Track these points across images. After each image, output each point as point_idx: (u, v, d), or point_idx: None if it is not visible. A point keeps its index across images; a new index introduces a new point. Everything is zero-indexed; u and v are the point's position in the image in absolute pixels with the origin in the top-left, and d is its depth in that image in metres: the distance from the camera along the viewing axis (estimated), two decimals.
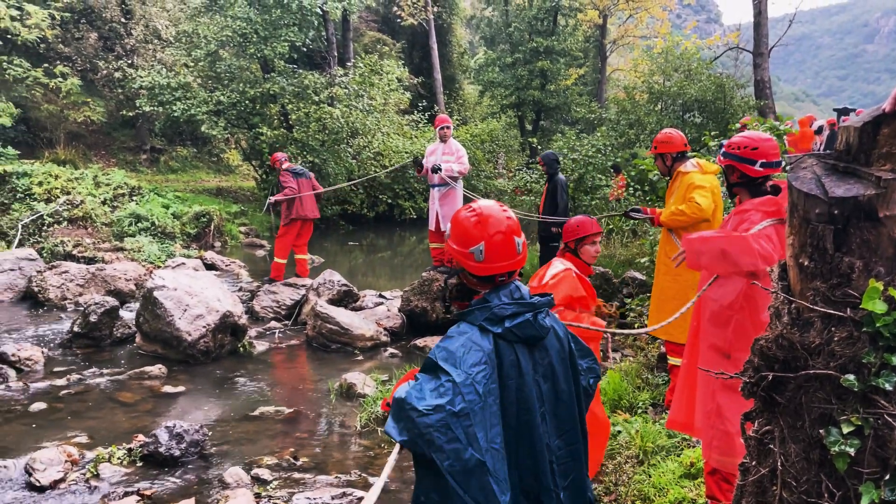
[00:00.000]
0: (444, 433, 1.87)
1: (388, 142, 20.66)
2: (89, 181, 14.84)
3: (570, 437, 2.19)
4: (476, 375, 1.95)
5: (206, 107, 17.46)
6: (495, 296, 2.12)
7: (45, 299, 9.65)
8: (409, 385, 2.02)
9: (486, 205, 2.22)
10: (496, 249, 2.13)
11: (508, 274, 2.18)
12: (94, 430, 5.58)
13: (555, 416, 2.16)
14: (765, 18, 18.28)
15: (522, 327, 2.07)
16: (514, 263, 2.17)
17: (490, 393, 1.98)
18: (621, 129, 17.57)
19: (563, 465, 2.16)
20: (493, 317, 2.06)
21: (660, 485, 3.94)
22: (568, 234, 4.27)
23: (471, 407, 1.91)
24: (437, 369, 1.98)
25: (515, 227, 2.19)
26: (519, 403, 2.05)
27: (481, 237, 2.14)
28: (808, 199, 1.56)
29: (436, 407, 1.89)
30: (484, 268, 2.15)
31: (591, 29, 33.66)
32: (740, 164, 3.42)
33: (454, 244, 2.21)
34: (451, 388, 1.92)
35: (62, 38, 19.69)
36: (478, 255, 2.14)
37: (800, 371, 1.55)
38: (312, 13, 18.22)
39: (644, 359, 6.27)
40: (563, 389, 2.18)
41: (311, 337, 8.25)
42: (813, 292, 1.55)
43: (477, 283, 2.21)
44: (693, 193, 4.96)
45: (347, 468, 5.01)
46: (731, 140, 3.53)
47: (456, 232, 2.21)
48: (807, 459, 1.54)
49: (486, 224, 2.15)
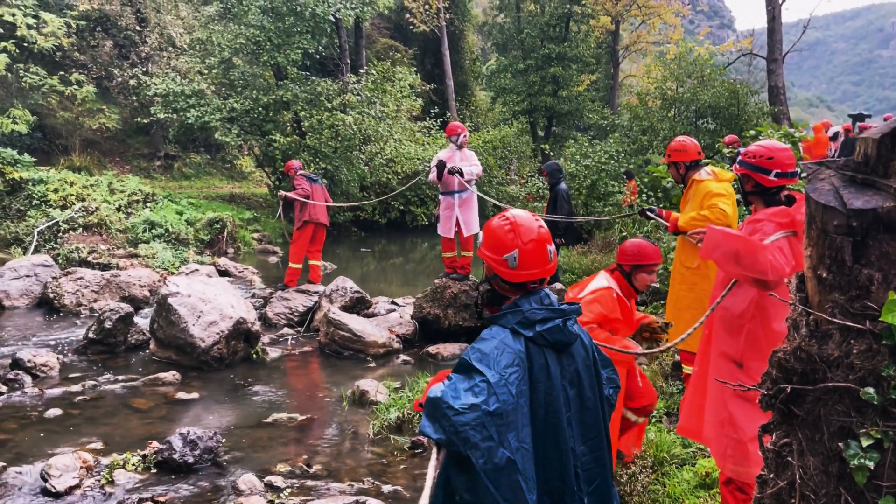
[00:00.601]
0: (479, 431, 1.94)
1: (400, 148, 20.72)
2: (104, 188, 14.96)
3: (595, 444, 2.24)
4: (509, 377, 2.02)
5: (219, 114, 17.58)
6: (526, 301, 2.19)
7: (61, 305, 9.73)
8: (443, 385, 2.08)
9: (519, 214, 2.30)
10: (529, 257, 2.21)
11: (540, 281, 2.25)
12: (108, 436, 5.61)
13: (580, 423, 2.21)
14: (779, 24, 18.20)
15: (552, 332, 2.14)
16: (545, 271, 2.24)
17: (521, 394, 2.04)
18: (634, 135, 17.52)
19: (587, 470, 2.21)
20: (524, 320, 2.13)
21: (674, 495, 3.92)
22: (626, 257, 4.12)
23: (504, 407, 1.97)
24: (472, 370, 2.04)
25: (547, 235, 2.26)
26: (547, 406, 2.11)
27: (515, 245, 2.21)
28: (827, 210, 1.55)
29: (471, 406, 1.96)
30: (517, 274, 2.22)
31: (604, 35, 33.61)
32: (755, 173, 3.40)
33: (488, 251, 2.28)
34: (485, 388, 1.98)
35: (78, 46, 19.91)
36: (511, 262, 2.21)
37: (818, 383, 1.54)
38: (325, 21, 18.32)
39: (658, 367, 6.24)
40: (588, 396, 2.23)
41: (324, 344, 8.26)
42: (831, 304, 1.54)
43: (509, 290, 2.28)
44: (715, 200, 4.91)
45: (360, 476, 5.01)
46: (747, 149, 3.52)
47: (490, 240, 2.28)
48: (826, 472, 1.53)
49: (520, 232, 2.22)
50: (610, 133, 20.45)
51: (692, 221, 4.99)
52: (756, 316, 3.18)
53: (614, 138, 17.59)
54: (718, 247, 3.10)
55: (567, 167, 14.98)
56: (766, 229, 3.21)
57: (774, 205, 3.39)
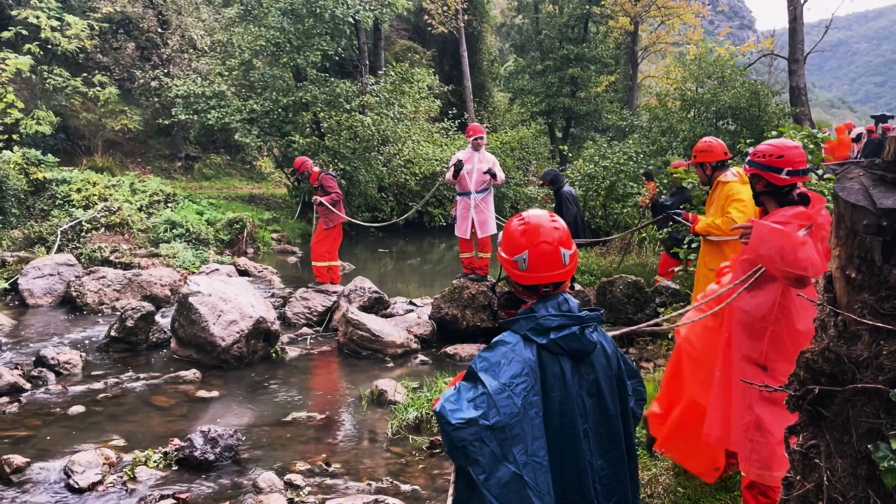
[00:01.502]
0: (478, 447, 1.87)
1: (418, 149, 20.76)
2: (126, 188, 15.13)
3: (615, 457, 2.14)
4: (515, 387, 1.94)
5: (239, 115, 17.71)
6: (542, 306, 2.10)
7: (84, 304, 9.85)
8: (448, 394, 2.01)
9: (536, 214, 2.21)
10: (540, 259, 2.12)
11: (554, 285, 2.15)
12: (130, 433, 5.67)
13: (598, 435, 2.11)
14: (800, 24, 18.01)
15: (568, 340, 2.04)
16: (559, 275, 2.14)
17: (532, 405, 1.96)
18: (653, 136, 17.39)
19: (605, 485, 2.12)
20: (538, 327, 2.04)
21: (695, 497, 3.89)
22: None
23: (507, 420, 1.89)
24: (476, 379, 1.97)
25: (565, 238, 2.16)
26: (563, 417, 2.02)
27: (526, 246, 2.13)
28: (856, 210, 1.53)
29: (468, 420, 1.89)
30: (527, 277, 2.13)
31: (623, 36, 33.43)
32: (765, 172, 3.33)
33: (502, 252, 2.22)
34: (485, 401, 1.91)
35: (101, 48, 20.14)
36: (521, 263, 2.13)
37: (847, 385, 1.52)
38: (344, 22, 18.41)
39: None
40: (608, 407, 2.13)
41: (343, 343, 8.29)
42: (860, 305, 1.52)
43: (522, 293, 2.20)
44: (730, 207, 4.88)
45: (379, 475, 5.02)
46: (756, 148, 3.45)
47: (504, 240, 2.22)
48: (854, 475, 1.51)
49: (533, 233, 2.14)
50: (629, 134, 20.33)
51: (708, 228, 4.99)
52: (780, 318, 3.13)
53: (633, 139, 17.48)
54: (764, 242, 3.04)
55: (585, 168, 14.91)
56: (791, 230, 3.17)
57: (788, 204, 3.33)
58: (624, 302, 8.38)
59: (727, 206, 4.92)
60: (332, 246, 10.36)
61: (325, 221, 10.20)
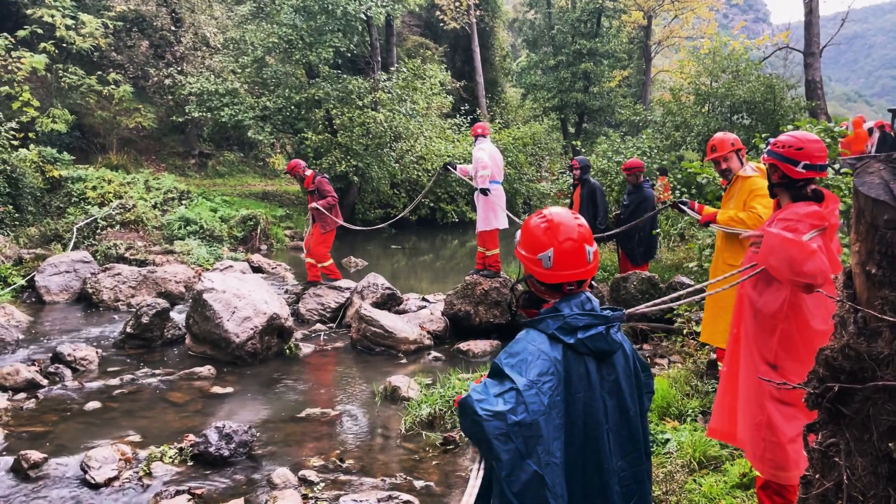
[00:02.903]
0: (504, 442, 1.86)
1: (430, 145, 20.76)
2: (140, 185, 15.24)
3: (634, 458, 2.13)
4: (542, 385, 1.92)
5: (252, 112, 17.77)
6: (566, 305, 2.08)
7: (99, 301, 9.93)
8: (474, 388, 2.00)
9: (557, 211, 2.18)
10: (566, 257, 2.09)
11: (578, 283, 2.13)
12: (146, 429, 5.71)
13: (619, 436, 2.09)
14: (816, 17, 17.83)
15: (595, 340, 2.02)
16: (584, 272, 2.12)
17: (554, 405, 1.94)
18: (667, 131, 17.30)
19: (626, 486, 2.10)
20: (566, 326, 2.02)
21: (711, 495, 3.86)
22: None
23: (533, 418, 1.88)
24: (503, 376, 1.96)
25: (587, 234, 2.14)
26: (587, 418, 2.01)
27: (550, 244, 2.10)
28: (877, 204, 1.51)
29: (496, 414, 1.87)
30: (552, 275, 2.11)
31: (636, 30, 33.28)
32: (783, 163, 3.28)
33: (522, 250, 2.18)
34: (514, 397, 1.89)
35: (115, 46, 20.25)
36: (546, 261, 2.10)
37: (867, 382, 1.50)
38: (356, 19, 18.40)
39: (693, 365, 6.15)
40: (629, 408, 2.12)
41: (356, 340, 8.31)
42: (881, 301, 1.50)
43: (545, 292, 2.17)
44: (755, 203, 4.82)
45: (392, 471, 5.03)
46: (777, 138, 3.41)
47: (525, 238, 2.18)
48: (875, 473, 1.49)
49: (557, 231, 2.11)
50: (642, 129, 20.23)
51: (730, 221, 4.92)
52: (790, 315, 3.08)
53: (647, 134, 17.39)
54: (774, 252, 2.99)
55: (598, 164, 14.85)
56: (801, 229, 3.11)
57: (801, 199, 3.28)
58: (638, 298, 8.33)
59: (751, 201, 4.86)
60: (328, 248, 10.42)
61: (322, 225, 10.20)
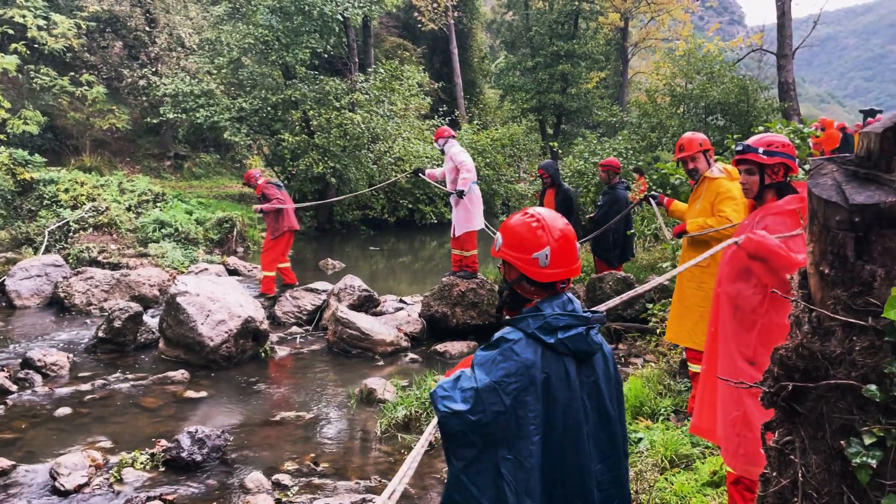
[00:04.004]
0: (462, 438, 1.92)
1: (408, 147, 20.73)
2: (114, 188, 15.05)
3: (613, 462, 2.13)
4: (507, 386, 1.93)
5: (228, 113, 17.64)
6: (549, 305, 2.07)
7: (71, 305, 9.79)
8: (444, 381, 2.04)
9: (543, 211, 2.20)
10: (561, 254, 2.11)
11: (567, 281, 2.15)
12: (117, 434, 5.64)
13: (597, 439, 2.10)
14: (788, 19, 18.08)
15: (575, 340, 2.02)
16: (575, 269, 2.15)
17: (523, 404, 1.94)
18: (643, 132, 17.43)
19: (605, 491, 2.11)
20: (546, 326, 2.01)
21: (682, 493, 3.89)
22: None
23: (491, 419, 1.91)
24: (472, 372, 2.00)
25: (573, 232, 2.17)
26: (566, 419, 2.00)
27: (547, 242, 2.10)
28: (829, 206, 1.53)
29: (454, 412, 1.91)
30: (548, 273, 2.10)
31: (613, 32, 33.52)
32: (792, 161, 3.37)
33: (513, 251, 2.15)
34: (473, 396, 1.92)
35: (88, 46, 20.00)
36: (543, 259, 2.09)
37: (821, 381, 1.52)
38: (333, 20, 18.35)
39: (666, 365, 6.21)
40: (608, 410, 2.12)
41: (332, 342, 8.28)
42: (834, 301, 1.52)
43: (534, 291, 2.16)
44: (723, 206, 4.87)
45: (368, 474, 5.01)
46: (770, 139, 3.44)
47: (515, 239, 2.15)
48: (828, 471, 1.51)
49: (551, 229, 2.12)
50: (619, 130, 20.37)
51: (700, 229, 4.99)
52: (770, 310, 3.12)
53: (623, 135, 17.51)
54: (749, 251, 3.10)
55: (575, 165, 14.92)
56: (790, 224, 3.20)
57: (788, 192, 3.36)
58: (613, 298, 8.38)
59: (719, 205, 4.91)
60: (279, 254, 10.27)
61: (271, 231, 10.13)
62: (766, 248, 3.06)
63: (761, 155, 3.38)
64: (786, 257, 2.99)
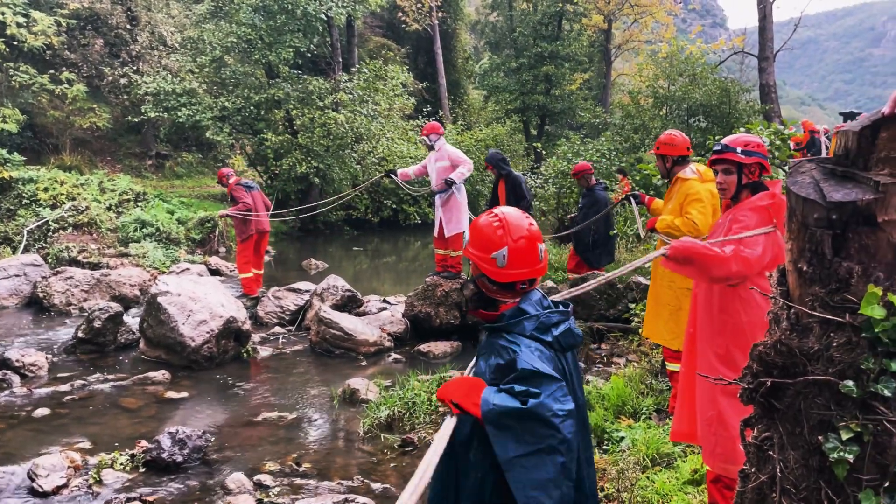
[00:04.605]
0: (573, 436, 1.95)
1: (392, 147, 20.70)
2: (94, 187, 14.90)
3: (587, 443, 2.20)
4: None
5: (211, 112, 17.53)
6: (530, 305, 2.10)
7: (50, 305, 9.67)
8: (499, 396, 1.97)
9: (508, 210, 2.20)
10: (519, 255, 2.11)
11: (530, 282, 2.16)
12: (97, 435, 5.58)
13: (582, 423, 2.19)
14: (769, 22, 18.24)
15: (566, 336, 2.08)
16: (536, 271, 2.15)
17: None
18: (626, 133, 17.55)
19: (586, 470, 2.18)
20: (542, 326, 2.05)
21: (663, 491, 3.91)
22: None
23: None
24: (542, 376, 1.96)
25: (538, 233, 2.17)
26: None
27: (504, 242, 2.11)
28: (807, 203, 1.54)
29: (569, 412, 1.93)
30: (505, 274, 2.11)
31: (596, 34, 33.65)
32: (766, 160, 3.43)
33: (475, 250, 2.18)
34: (564, 391, 1.95)
35: (68, 44, 19.79)
36: (500, 260, 2.11)
37: (799, 377, 1.53)
38: (317, 19, 18.29)
39: (648, 364, 6.24)
40: (579, 398, 2.18)
41: (315, 342, 8.24)
42: (812, 297, 1.53)
43: (496, 291, 2.18)
44: (690, 208, 4.94)
45: (350, 474, 4.99)
46: (745, 139, 3.47)
47: (477, 237, 2.18)
48: (806, 466, 1.53)
49: (510, 229, 2.13)
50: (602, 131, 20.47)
51: (667, 229, 5.06)
52: (740, 310, 3.18)
53: (606, 137, 17.59)
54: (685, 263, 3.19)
55: (559, 166, 14.97)
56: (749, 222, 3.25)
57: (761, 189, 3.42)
58: (596, 298, 8.42)
59: (686, 206, 4.97)
60: (251, 256, 10.20)
61: (238, 233, 10.07)
62: (691, 250, 3.13)
63: (740, 154, 3.42)
64: (712, 256, 3.07)
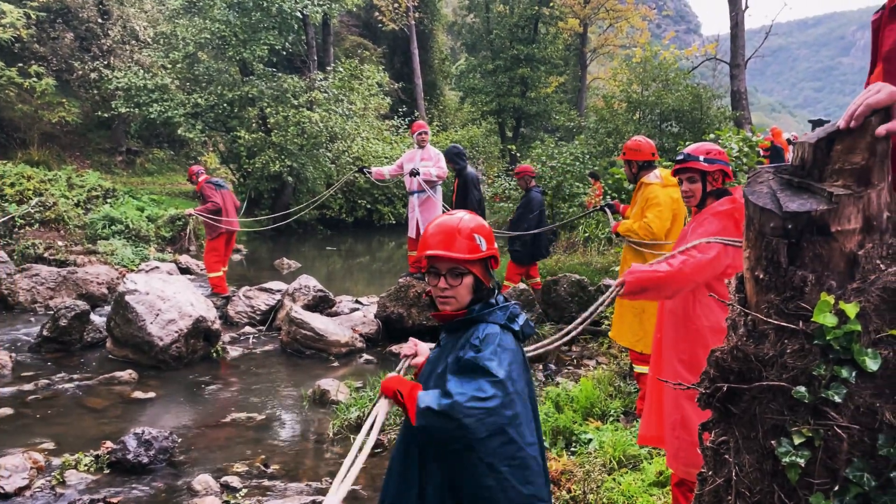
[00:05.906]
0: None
1: (367, 146, 20.65)
2: (62, 183, 14.65)
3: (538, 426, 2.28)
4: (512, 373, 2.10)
5: (183, 109, 17.33)
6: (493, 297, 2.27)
7: (15, 302, 9.51)
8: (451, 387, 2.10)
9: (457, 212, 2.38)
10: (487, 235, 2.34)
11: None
12: (61, 436, 5.50)
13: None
14: (741, 30, 18.51)
15: (527, 326, 2.24)
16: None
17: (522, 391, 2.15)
18: (600, 137, 17.68)
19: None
20: (511, 316, 2.21)
21: (629, 493, 3.96)
22: None
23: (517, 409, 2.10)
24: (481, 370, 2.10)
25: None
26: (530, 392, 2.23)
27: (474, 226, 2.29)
28: (764, 213, 1.57)
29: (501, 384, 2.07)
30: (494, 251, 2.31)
31: (572, 37, 33.83)
32: (728, 168, 3.50)
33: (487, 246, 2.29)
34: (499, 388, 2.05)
35: (37, 37, 19.40)
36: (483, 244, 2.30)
37: (754, 382, 1.56)
38: (292, 17, 18.17)
39: (617, 367, 6.30)
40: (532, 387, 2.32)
41: (286, 343, 8.19)
42: (767, 305, 1.57)
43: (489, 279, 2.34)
44: (648, 212, 5.02)
45: (319, 475, 4.98)
46: (707, 148, 3.54)
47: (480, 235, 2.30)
48: (760, 470, 1.56)
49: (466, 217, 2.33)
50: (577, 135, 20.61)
51: (627, 232, 5.17)
52: (701, 315, 3.23)
53: (580, 140, 17.71)
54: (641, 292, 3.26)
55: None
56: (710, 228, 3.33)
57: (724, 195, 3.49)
58: (568, 300, 8.49)
59: (646, 210, 5.06)
60: (220, 256, 10.04)
61: (208, 232, 9.95)
62: (642, 279, 3.20)
63: (702, 163, 3.49)
64: (663, 276, 3.15)
